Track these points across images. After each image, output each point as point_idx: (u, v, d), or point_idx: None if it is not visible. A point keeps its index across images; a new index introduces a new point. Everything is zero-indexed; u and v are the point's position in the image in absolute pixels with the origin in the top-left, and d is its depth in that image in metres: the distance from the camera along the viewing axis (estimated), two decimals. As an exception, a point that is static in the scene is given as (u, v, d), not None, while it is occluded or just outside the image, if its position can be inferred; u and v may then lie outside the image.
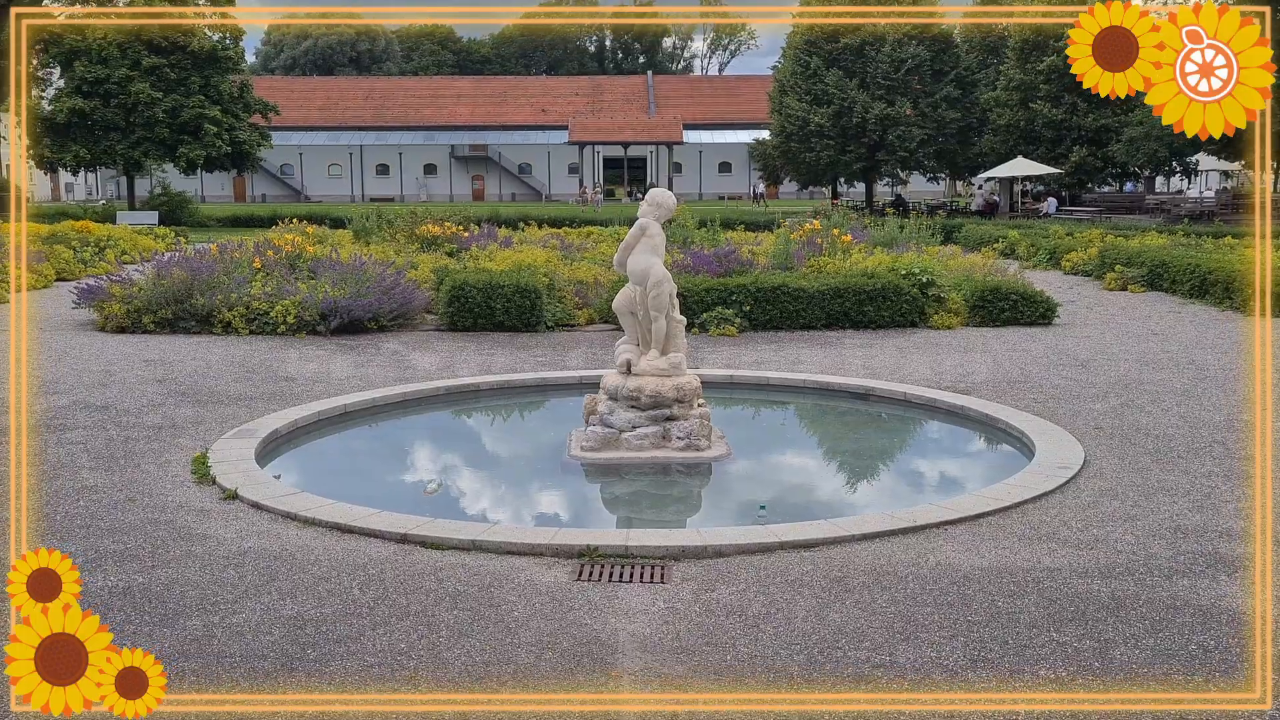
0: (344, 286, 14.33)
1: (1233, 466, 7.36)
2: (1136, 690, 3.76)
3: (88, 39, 44.90)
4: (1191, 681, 3.88)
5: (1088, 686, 4.10)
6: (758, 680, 4.17)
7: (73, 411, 9.21)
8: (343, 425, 9.15)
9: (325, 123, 75.53)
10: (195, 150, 46.26)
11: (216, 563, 5.52)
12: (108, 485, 6.96)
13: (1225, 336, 13.54)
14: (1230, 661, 4.33)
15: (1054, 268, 23.26)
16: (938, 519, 6.14)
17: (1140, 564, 5.48)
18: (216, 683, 4.16)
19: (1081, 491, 6.79)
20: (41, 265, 20.61)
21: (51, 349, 12.63)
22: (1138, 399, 9.64)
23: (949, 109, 49.02)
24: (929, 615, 4.82)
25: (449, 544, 5.75)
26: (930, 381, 10.44)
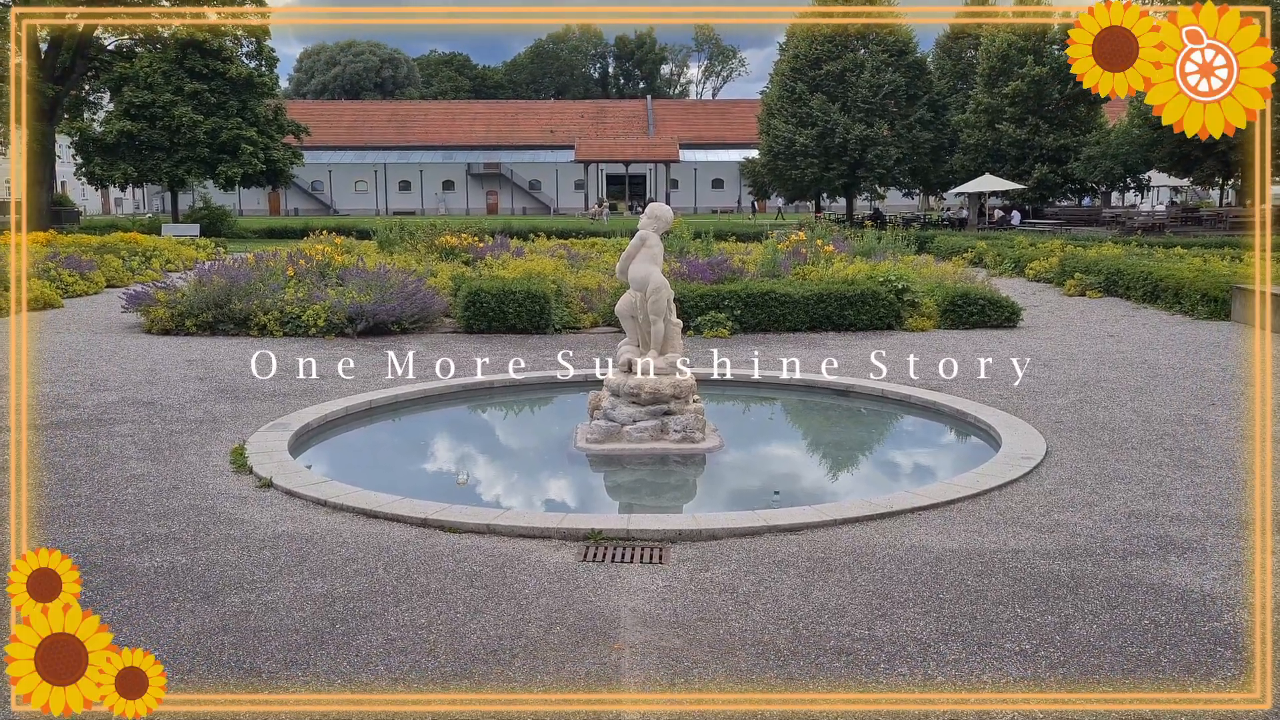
0: (369, 293, 14.33)
1: (1181, 457, 7.37)
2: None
3: (135, 67, 44.96)
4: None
5: (1049, 659, 4.10)
6: (747, 652, 4.17)
7: (121, 407, 9.22)
8: (368, 419, 9.16)
9: (352, 142, 75.54)
10: (233, 168, 46.31)
11: (253, 545, 5.53)
12: (154, 474, 6.97)
13: (1175, 338, 13.54)
14: (1179, 636, 4.33)
15: (1018, 275, 23.26)
16: (912, 505, 6.14)
17: (1097, 546, 5.48)
18: (254, 654, 4.16)
19: (1043, 480, 6.79)
20: (93, 273, 20.61)
21: (102, 350, 12.63)
22: (1095, 395, 9.64)
23: (922, 130, 49.10)
24: (904, 593, 4.82)
25: (466, 528, 5.75)
26: (905, 379, 10.45)
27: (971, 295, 14.87)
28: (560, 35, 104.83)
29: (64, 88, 43.53)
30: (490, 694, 3.82)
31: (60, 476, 6.89)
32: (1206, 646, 4.22)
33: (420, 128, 77.74)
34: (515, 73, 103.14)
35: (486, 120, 79.13)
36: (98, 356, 12.10)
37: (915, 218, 49.51)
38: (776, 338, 13.73)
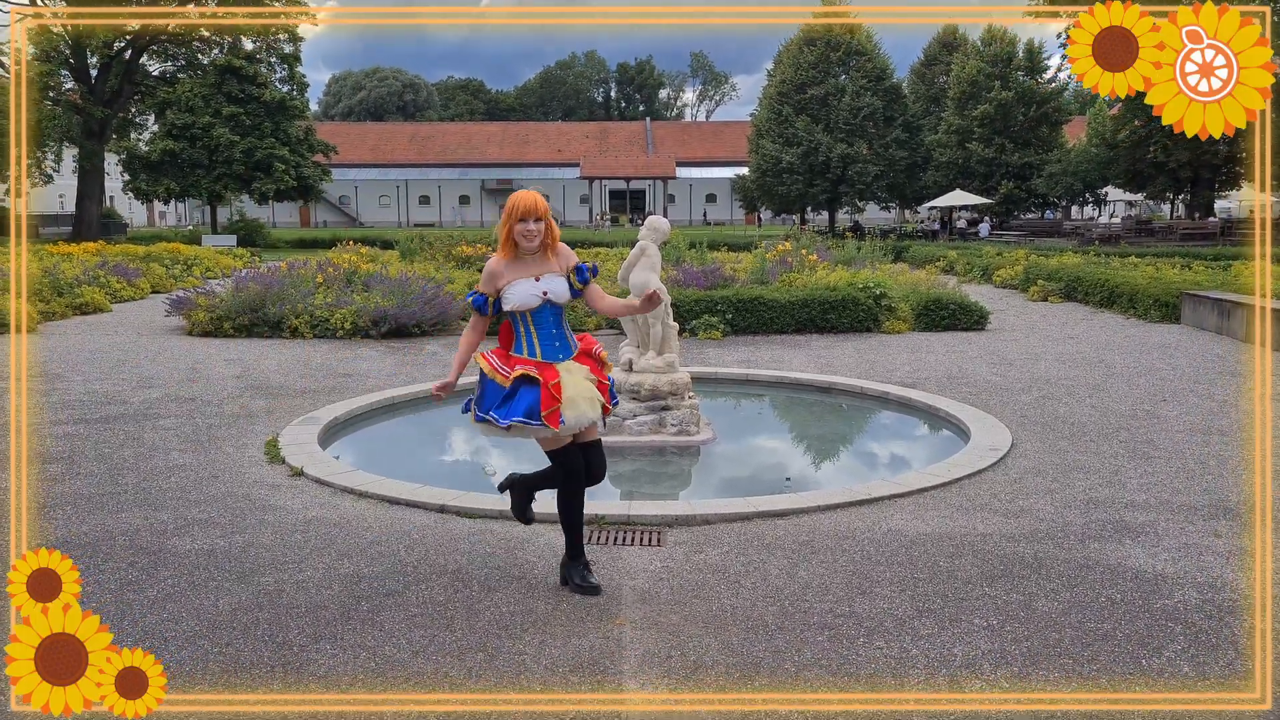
0: (392, 298, 14.32)
1: (1136, 449, 7.36)
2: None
3: (178, 91, 45.01)
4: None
5: (1015, 634, 4.10)
6: (738, 627, 4.17)
7: (165, 403, 9.21)
8: (391, 414, 9.15)
9: (376, 160, 75.50)
10: (267, 184, 46.34)
11: (285, 529, 5.52)
12: (194, 464, 6.96)
13: (1129, 340, 13.53)
14: (1133, 612, 4.33)
15: (986, 282, 23.25)
16: (889, 492, 6.13)
17: (1058, 530, 5.48)
18: (285, 629, 4.16)
19: (1009, 469, 6.79)
20: (139, 280, 20.62)
21: (148, 350, 12.63)
22: (1056, 392, 9.64)
23: (898, 149, 49.15)
24: (882, 573, 4.82)
25: (480, 513, 5.75)
26: (882, 377, 10.44)
27: (943, 300, 14.86)
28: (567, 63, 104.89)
29: (113, 111, 43.55)
30: (503, 662, 3.82)
31: (109, 466, 6.89)
32: (1159, 622, 4.22)
33: (439, 147, 77.71)
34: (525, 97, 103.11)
35: (499, 140, 79.09)
36: (143, 356, 12.09)
37: (892, 229, 49.52)
38: (765, 339, 13.73)
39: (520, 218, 4.25)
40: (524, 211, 4.24)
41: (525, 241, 4.27)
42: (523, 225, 4.25)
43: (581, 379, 4.30)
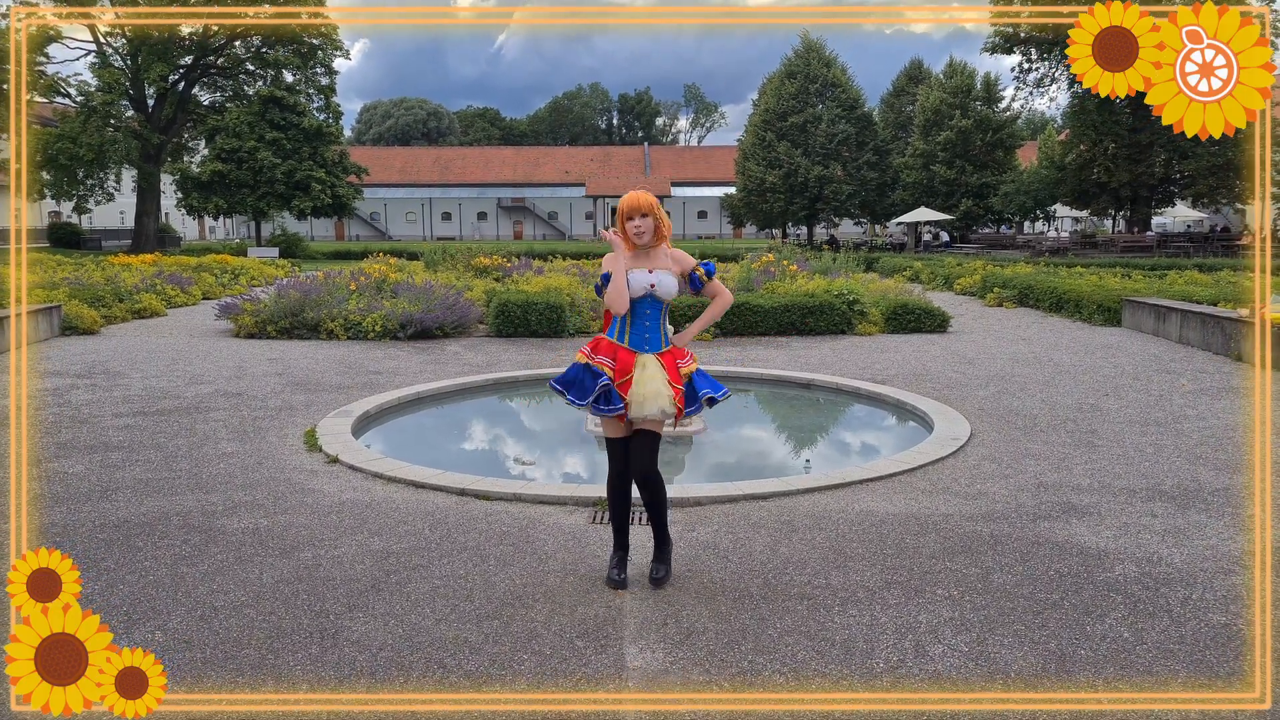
0: (417, 304, 14.31)
1: (1081, 438, 7.36)
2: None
3: (226, 119, 45.01)
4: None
5: (973, 603, 4.10)
6: (727, 597, 4.16)
7: (214, 398, 9.20)
8: (416, 408, 9.14)
9: (403, 180, 75.47)
10: (305, 202, 46.34)
11: (322, 510, 5.52)
12: (241, 452, 6.96)
13: (1075, 341, 13.53)
14: (1079, 584, 4.33)
15: (948, 289, 23.24)
16: (861, 477, 6.13)
17: (1012, 511, 5.48)
18: (323, 599, 4.15)
19: (968, 457, 6.78)
20: (191, 288, 20.61)
21: (199, 350, 12.61)
22: (1010, 387, 9.64)
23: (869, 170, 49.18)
24: (855, 549, 4.82)
25: (496, 496, 5.74)
26: (856, 374, 10.44)
27: (910, 306, 14.85)
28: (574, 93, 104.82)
29: (168, 136, 43.49)
30: (517, 629, 3.82)
31: (165, 454, 6.88)
32: (1101, 593, 4.22)
33: (459, 169, 77.68)
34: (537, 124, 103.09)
35: (513, 163, 79.07)
36: (195, 356, 12.08)
37: (864, 242, 49.52)
38: (750, 341, 13.72)
39: (627, 216, 4.15)
40: (628, 210, 4.14)
41: (636, 238, 4.19)
42: (630, 223, 4.16)
43: (655, 373, 4.20)
